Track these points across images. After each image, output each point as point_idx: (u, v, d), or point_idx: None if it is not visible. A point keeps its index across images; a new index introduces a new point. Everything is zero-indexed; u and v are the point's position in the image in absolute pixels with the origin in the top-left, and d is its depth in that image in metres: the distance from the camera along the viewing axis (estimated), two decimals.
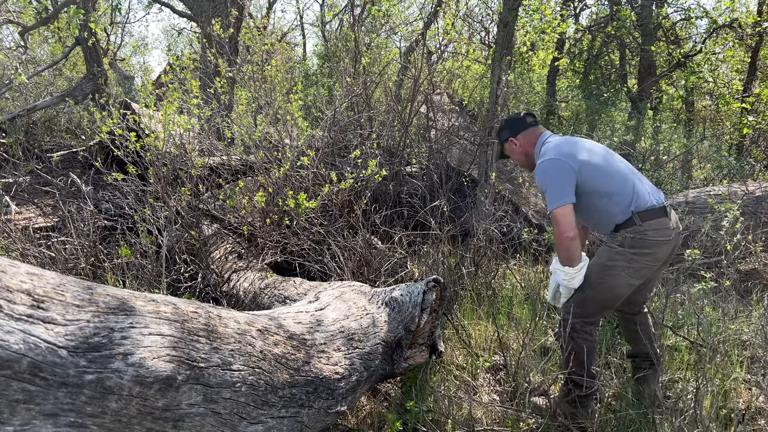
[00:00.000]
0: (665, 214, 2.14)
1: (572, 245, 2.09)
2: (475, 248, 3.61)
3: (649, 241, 2.11)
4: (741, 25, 6.82)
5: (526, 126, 2.33)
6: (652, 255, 2.13)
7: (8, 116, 5.44)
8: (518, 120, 2.35)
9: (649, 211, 2.12)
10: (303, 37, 13.78)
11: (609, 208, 2.16)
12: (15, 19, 7.92)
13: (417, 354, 2.32)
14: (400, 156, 4.65)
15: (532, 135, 2.31)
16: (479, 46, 8.90)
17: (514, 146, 2.35)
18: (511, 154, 2.41)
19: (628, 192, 2.15)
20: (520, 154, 2.36)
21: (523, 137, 2.32)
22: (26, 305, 1.13)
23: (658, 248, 2.13)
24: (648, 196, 2.16)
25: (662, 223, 2.13)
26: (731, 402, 2.39)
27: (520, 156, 2.37)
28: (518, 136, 2.33)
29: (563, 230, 2.07)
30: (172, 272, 3.09)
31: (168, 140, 3.42)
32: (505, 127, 2.38)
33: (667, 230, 2.13)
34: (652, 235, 2.11)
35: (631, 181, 2.18)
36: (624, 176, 2.19)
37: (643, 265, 2.14)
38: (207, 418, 1.43)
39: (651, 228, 2.11)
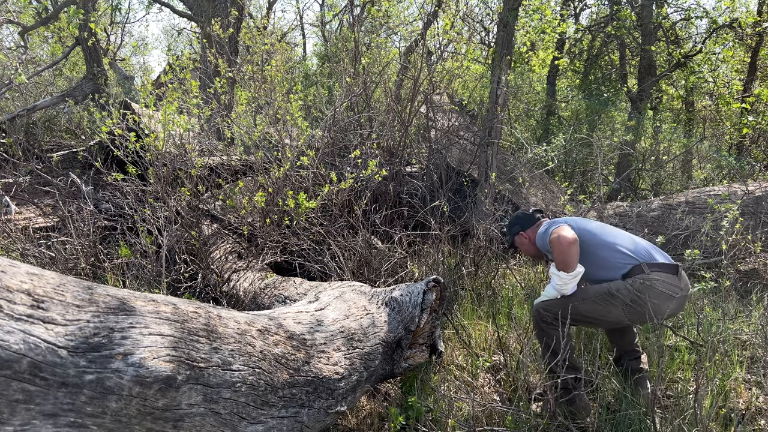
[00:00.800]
0: (675, 272, 2.19)
1: (570, 249, 2.15)
2: (475, 248, 3.61)
3: (657, 290, 2.14)
4: (741, 25, 6.82)
5: (534, 221, 2.54)
6: (655, 305, 2.14)
7: (8, 116, 5.44)
8: (528, 216, 2.58)
9: (658, 264, 2.20)
10: (303, 37, 13.79)
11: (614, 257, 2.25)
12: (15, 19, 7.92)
13: (417, 354, 2.32)
14: (400, 156, 4.65)
15: (538, 226, 2.51)
16: (479, 46, 8.90)
17: (524, 239, 2.55)
18: (521, 246, 2.60)
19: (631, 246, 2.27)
20: (529, 246, 2.55)
21: (531, 231, 2.53)
22: (26, 305, 1.13)
23: (662, 301, 2.15)
24: (657, 253, 2.27)
25: (671, 279, 2.17)
26: (731, 402, 2.39)
27: (529, 247, 2.56)
28: (527, 230, 2.54)
29: (564, 235, 2.16)
30: (172, 272, 3.09)
31: (168, 140, 3.42)
32: (514, 223, 2.60)
33: (674, 287, 2.16)
34: (659, 285, 2.14)
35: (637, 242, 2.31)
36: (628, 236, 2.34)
37: (641, 310, 2.16)
38: (207, 418, 1.43)
39: (659, 278, 2.15)
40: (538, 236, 2.43)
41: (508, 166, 5.44)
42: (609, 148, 6.78)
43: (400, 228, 3.79)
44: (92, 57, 6.52)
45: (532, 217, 2.57)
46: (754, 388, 2.52)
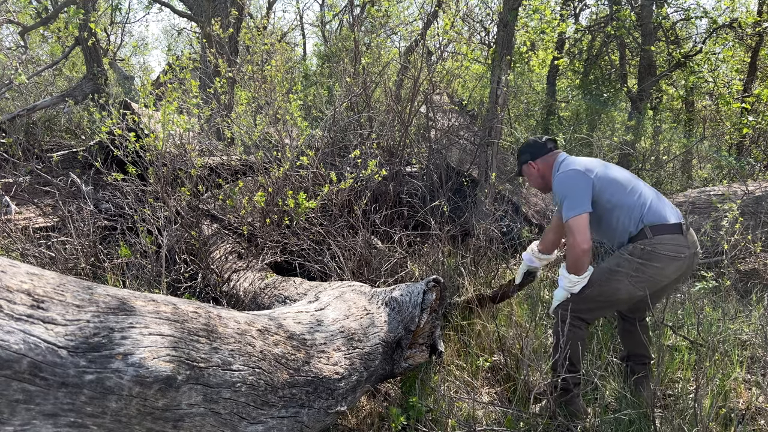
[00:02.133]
0: (680, 231, 2.14)
1: (584, 257, 2.13)
2: (475, 248, 3.61)
3: (659, 254, 2.12)
4: (741, 25, 6.82)
5: (546, 151, 2.39)
6: (659, 269, 2.13)
7: (8, 116, 5.44)
8: (539, 145, 2.41)
9: (662, 226, 2.14)
10: (303, 37, 13.78)
11: (622, 220, 2.19)
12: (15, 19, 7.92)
13: (417, 354, 2.32)
14: (400, 156, 4.65)
15: (551, 159, 2.38)
16: (479, 46, 8.90)
17: (532, 169, 2.42)
18: (528, 177, 2.48)
19: (640, 205, 2.18)
20: (537, 178, 2.43)
21: (541, 161, 2.39)
22: (26, 305, 1.13)
23: (667, 263, 2.13)
24: (663, 212, 2.18)
25: (675, 240, 2.13)
26: (731, 402, 2.39)
27: (537, 179, 2.44)
28: (537, 160, 2.40)
29: (580, 241, 2.11)
30: (172, 272, 3.09)
31: (168, 140, 3.42)
32: (524, 151, 2.45)
33: (679, 247, 2.13)
34: (661, 249, 2.12)
35: (647, 197, 2.21)
36: (639, 191, 2.22)
37: (648, 277, 2.15)
38: (207, 418, 1.42)
39: (662, 242, 2.12)
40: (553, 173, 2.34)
41: (508, 166, 5.44)
42: (609, 148, 6.78)
43: (400, 228, 3.79)
44: (92, 57, 6.51)
45: (544, 146, 2.40)
46: (754, 388, 2.52)
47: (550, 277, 3.80)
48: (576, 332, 2.22)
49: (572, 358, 2.19)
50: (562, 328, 2.21)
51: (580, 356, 2.28)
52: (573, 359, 2.20)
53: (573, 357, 2.19)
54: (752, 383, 2.58)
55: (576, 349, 2.22)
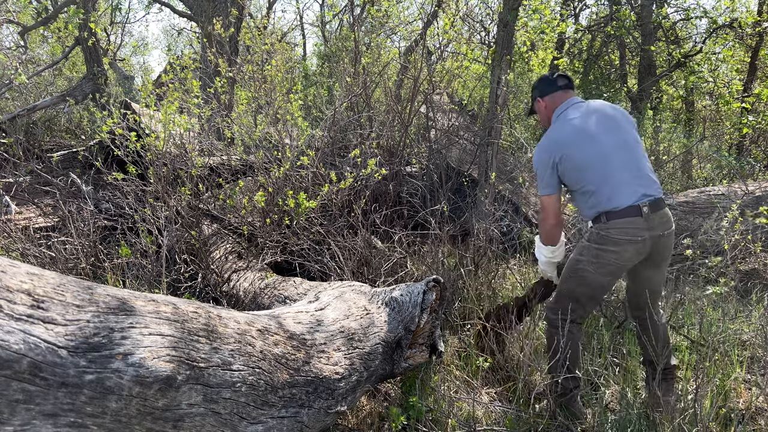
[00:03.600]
0: (637, 214, 2.08)
1: (552, 230, 2.25)
2: (475, 248, 3.61)
3: (613, 239, 2.10)
4: (741, 25, 6.82)
5: (555, 89, 2.32)
6: (617, 253, 2.11)
7: (8, 116, 5.44)
8: (548, 81, 2.34)
9: (617, 212, 2.09)
10: (303, 37, 13.78)
11: (580, 203, 2.24)
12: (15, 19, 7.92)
13: (417, 354, 2.32)
14: (400, 156, 4.65)
15: (558, 99, 2.32)
16: (479, 46, 8.89)
17: (540, 106, 2.38)
18: (538, 112, 2.43)
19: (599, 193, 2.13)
20: (544, 116, 2.39)
21: (549, 99, 2.33)
22: (26, 305, 1.13)
23: (624, 247, 2.09)
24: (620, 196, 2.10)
25: (631, 223, 2.08)
26: (731, 402, 2.39)
27: (543, 117, 2.40)
28: (545, 97, 2.34)
29: (546, 217, 2.25)
30: (172, 272, 3.09)
31: (168, 140, 3.42)
32: (535, 86, 2.40)
33: (636, 229, 2.08)
34: (615, 233, 2.09)
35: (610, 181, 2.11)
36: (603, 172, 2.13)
37: (608, 262, 2.13)
38: (207, 418, 1.42)
39: (615, 226, 2.09)
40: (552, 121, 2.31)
41: (508, 166, 5.45)
42: None
43: (400, 228, 3.79)
44: (92, 57, 6.51)
45: (553, 84, 2.33)
46: (754, 388, 2.52)
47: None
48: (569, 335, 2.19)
49: (569, 360, 2.17)
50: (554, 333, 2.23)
51: (577, 358, 2.27)
52: (570, 361, 2.18)
53: (570, 359, 2.18)
54: (752, 383, 2.58)
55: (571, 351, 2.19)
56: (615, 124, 2.21)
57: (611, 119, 2.22)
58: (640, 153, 2.20)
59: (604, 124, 2.20)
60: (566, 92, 2.32)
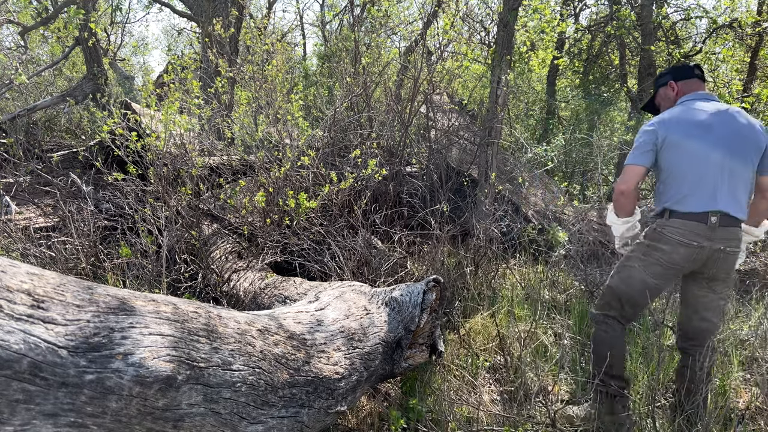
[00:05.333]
0: (702, 221, 2.00)
1: (621, 198, 2.12)
2: (475, 248, 3.61)
3: (666, 236, 2.05)
4: (741, 25, 6.82)
5: (692, 75, 2.23)
6: (666, 253, 2.05)
7: (8, 116, 5.44)
8: (687, 68, 2.25)
9: (682, 213, 2.04)
10: (303, 37, 13.78)
11: (658, 191, 2.16)
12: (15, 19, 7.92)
13: (417, 354, 2.32)
14: (400, 156, 4.65)
15: (694, 86, 2.23)
16: (479, 46, 8.89)
17: (670, 91, 2.27)
18: (664, 101, 2.31)
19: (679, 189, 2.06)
20: (673, 102, 2.26)
21: (684, 84, 2.24)
22: (26, 305, 1.13)
23: (674, 247, 2.03)
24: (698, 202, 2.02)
25: (690, 226, 2.02)
26: (731, 402, 2.39)
27: (668, 103, 2.28)
28: (680, 81, 2.25)
29: (620, 182, 2.11)
30: (172, 272, 3.09)
31: (168, 140, 3.42)
32: (666, 72, 2.31)
33: (694, 234, 2.01)
34: (670, 231, 2.04)
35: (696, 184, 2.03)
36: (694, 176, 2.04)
37: (655, 261, 2.08)
38: (207, 418, 1.43)
39: (674, 225, 2.04)
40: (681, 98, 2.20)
41: (508, 166, 5.44)
42: (609, 148, 6.78)
43: (400, 228, 3.79)
44: (92, 57, 6.51)
45: (691, 71, 2.23)
46: (754, 388, 2.52)
47: (550, 277, 3.81)
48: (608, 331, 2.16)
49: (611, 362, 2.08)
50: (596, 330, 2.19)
51: (620, 360, 2.15)
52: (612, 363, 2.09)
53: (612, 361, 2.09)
54: (752, 383, 2.58)
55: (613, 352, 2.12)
56: (738, 142, 2.05)
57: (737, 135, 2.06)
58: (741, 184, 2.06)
59: (727, 136, 2.06)
60: (700, 83, 2.23)
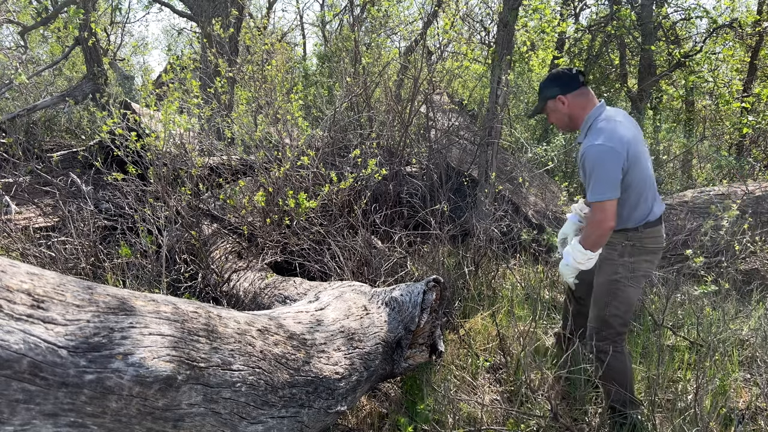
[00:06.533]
0: (661, 222, 2.18)
1: (607, 236, 2.05)
2: (475, 248, 3.61)
3: (648, 248, 2.16)
4: (741, 24, 6.82)
5: (578, 85, 2.11)
6: (650, 262, 2.18)
7: (8, 116, 5.44)
8: (572, 77, 2.12)
9: (653, 221, 2.15)
10: (303, 37, 13.79)
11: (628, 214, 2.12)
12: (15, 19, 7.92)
13: (417, 354, 2.32)
14: (400, 156, 4.65)
15: (584, 99, 2.13)
16: (479, 46, 8.89)
17: (560, 105, 2.14)
18: (553, 113, 2.19)
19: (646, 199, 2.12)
20: (563, 116, 2.16)
21: (573, 98, 2.12)
22: (26, 305, 1.13)
23: (656, 255, 2.20)
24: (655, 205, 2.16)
25: (659, 231, 2.17)
26: (731, 402, 2.39)
27: (562, 117, 2.17)
28: (568, 95, 2.12)
29: (608, 219, 1.99)
30: (172, 272, 3.09)
31: (168, 140, 3.42)
32: (552, 84, 2.14)
33: (660, 238, 2.19)
34: (648, 242, 2.15)
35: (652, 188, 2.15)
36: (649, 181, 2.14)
37: (642, 274, 2.19)
38: (207, 418, 1.42)
39: (650, 235, 2.14)
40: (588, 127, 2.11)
41: (508, 166, 5.44)
42: None
43: (400, 228, 3.79)
44: (92, 57, 6.51)
45: (576, 79, 2.11)
46: (754, 388, 2.52)
47: (550, 277, 3.80)
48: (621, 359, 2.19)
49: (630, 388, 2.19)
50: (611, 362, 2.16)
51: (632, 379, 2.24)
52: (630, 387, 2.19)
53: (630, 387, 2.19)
54: (752, 383, 2.58)
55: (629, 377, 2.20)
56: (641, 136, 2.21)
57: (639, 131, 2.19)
58: None
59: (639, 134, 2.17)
60: (588, 89, 2.15)
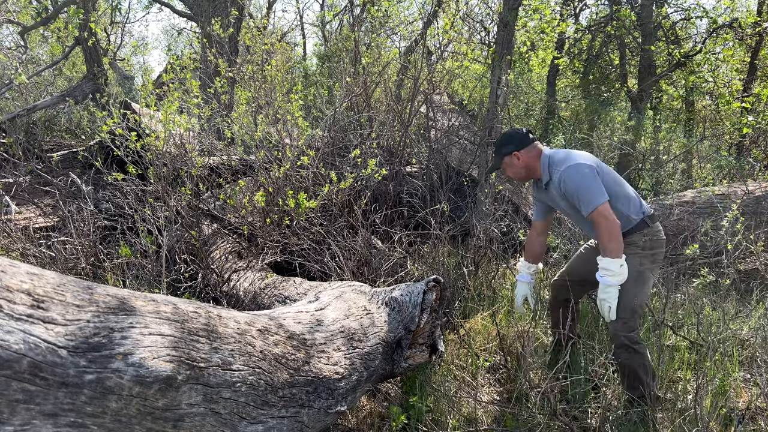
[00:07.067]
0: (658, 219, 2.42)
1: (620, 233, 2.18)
2: (475, 248, 3.61)
3: (661, 240, 2.36)
4: (741, 25, 6.82)
5: (530, 141, 2.42)
6: (663, 252, 2.37)
7: (8, 116, 5.44)
8: (523, 135, 2.44)
9: (652, 216, 2.36)
10: (303, 37, 13.79)
11: (625, 210, 2.29)
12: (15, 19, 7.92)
13: (417, 354, 2.32)
14: (400, 156, 4.65)
15: (536, 151, 2.42)
16: (479, 46, 8.89)
17: (515, 160, 2.44)
18: (509, 168, 2.49)
19: (635, 196, 2.34)
20: (520, 168, 2.45)
21: (526, 152, 2.42)
22: (26, 305, 1.13)
23: (664, 247, 2.38)
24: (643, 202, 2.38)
25: (660, 226, 2.40)
26: (731, 402, 2.39)
27: (519, 170, 2.46)
28: (522, 151, 2.42)
29: (611, 219, 2.16)
30: (172, 272, 3.09)
31: (168, 140, 3.42)
32: (507, 142, 2.44)
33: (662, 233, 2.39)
34: (661, 234, 2.37)
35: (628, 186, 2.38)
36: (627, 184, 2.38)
37: (660, 263, 2.38)
38: (207, 418, 1.42)
39: (658, 227, 2.36)
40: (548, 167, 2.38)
41: None
42: (609, 147, 6.78)
43: (400, 228, 3.79)
44: (92, 57, 6.51)
45: (527, 137, 2.43)
46: (754, 388, 2.52)
47: (551, 277, 3.80)
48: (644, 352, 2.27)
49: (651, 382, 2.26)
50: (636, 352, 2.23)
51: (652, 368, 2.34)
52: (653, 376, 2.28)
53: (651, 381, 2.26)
54: (752, 383, 2.58)
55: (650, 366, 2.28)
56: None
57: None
58: None
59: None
60: (537, 142, 2.44)
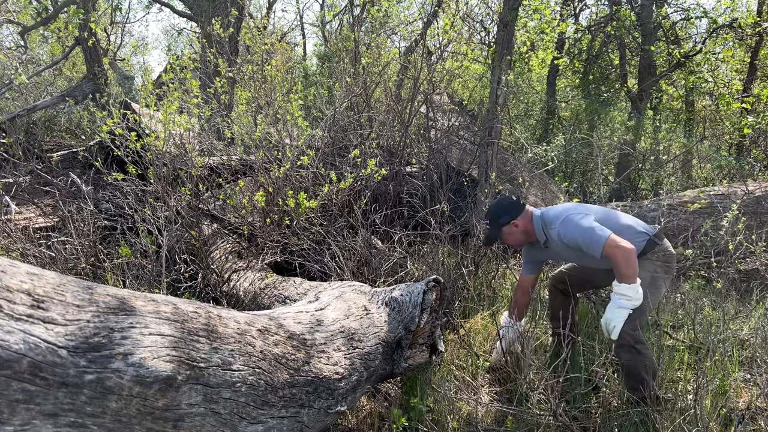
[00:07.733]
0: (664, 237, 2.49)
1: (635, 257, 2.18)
2: (475, 248, 3.61)
3: (672, 254, 2.43)
4: (741, 25, 6.82)
5: (522, 207, 2.49)
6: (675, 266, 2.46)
7: (8, 116, 5.44)
8: (515, 203, 2.50)
9: (658, 234, 2.42)
10: (303, 37, 13.79)
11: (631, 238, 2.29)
12: (15, 19, 7.92)
13: (417, 354, 2.32)
14: (400, 156, 4.65)
15: (528, 214, 2.50)
16: (479, 46, 8.89)
17: (514, 228, 2.48)
18: (510, 236, 2.52)
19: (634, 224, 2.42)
20: (520, 234, 2.50)
21: (522, 217, 2.48)
22: (26, 305, 1.13)
23: (675, 261, 2.46)
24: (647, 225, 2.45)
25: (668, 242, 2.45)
26: (731, 402, 2.39)
27: (519, 236, 2.51)
28: (518, 218, 2.47)
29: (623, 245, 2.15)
30: (172, 272, 3.09)
31: (168, 140, 3.42)
32: (503, 212, 2.48)
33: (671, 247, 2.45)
34: (671, 249, 2.43)
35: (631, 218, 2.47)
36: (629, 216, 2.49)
37: (672, 275, 2.44)
38: (207, 418, 1.42)
39: (666, 245, 2.42)
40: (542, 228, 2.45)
41: (508, 166, 5.44)
42: (609, 148, 6.78)
43: (400, 228, 3.78)
44: (92, 57, 6.51)
45: (518, 204, 2.50)
46: (754, 388, 2.52)
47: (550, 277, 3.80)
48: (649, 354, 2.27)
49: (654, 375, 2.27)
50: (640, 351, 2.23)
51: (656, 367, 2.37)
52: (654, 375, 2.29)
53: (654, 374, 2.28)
54: (752, 383, 2.58)
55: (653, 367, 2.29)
56: None
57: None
58: None
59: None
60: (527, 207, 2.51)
